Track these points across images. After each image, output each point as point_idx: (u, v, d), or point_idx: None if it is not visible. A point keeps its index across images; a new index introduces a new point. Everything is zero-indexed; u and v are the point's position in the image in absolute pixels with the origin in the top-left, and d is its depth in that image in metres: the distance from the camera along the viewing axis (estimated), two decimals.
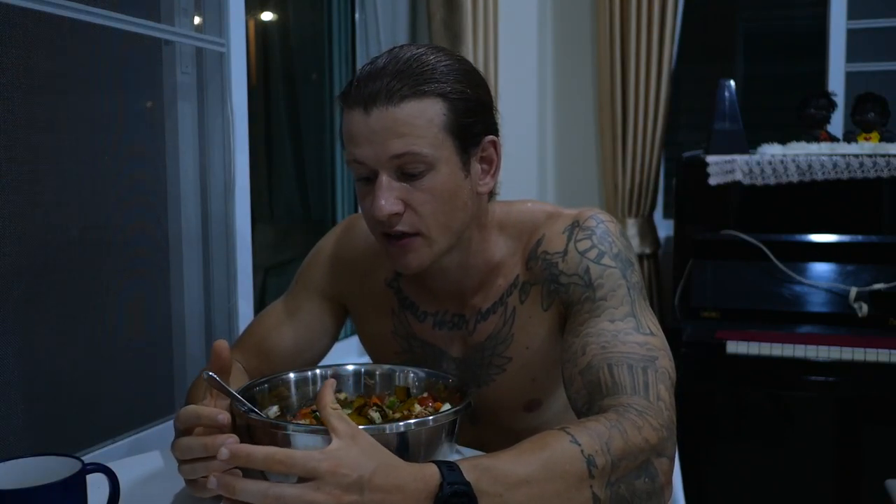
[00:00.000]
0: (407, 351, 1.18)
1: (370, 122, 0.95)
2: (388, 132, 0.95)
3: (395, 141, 0.95)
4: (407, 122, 0.95)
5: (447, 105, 0.97)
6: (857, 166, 2.20)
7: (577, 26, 2.96)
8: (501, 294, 1.10)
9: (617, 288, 1.01)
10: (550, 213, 1.10)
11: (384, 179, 0.97)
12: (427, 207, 0.98)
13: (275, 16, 2.35)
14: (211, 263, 1.76)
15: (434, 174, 0.98)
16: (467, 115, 0.99)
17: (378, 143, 0.95)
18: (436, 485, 0.74)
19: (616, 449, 0.81)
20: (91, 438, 1.47)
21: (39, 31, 1.34)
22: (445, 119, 0.97)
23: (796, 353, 1.96)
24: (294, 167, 2.44)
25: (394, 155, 0.96)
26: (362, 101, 0.96)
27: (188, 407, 0.86)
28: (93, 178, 1.48)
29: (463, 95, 0.99)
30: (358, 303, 1.22)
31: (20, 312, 1.33)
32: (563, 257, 1.05)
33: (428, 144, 0.96)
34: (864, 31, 2.76)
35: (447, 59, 1.00)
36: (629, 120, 2.77)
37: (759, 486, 2.46)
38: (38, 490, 0.75)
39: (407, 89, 0.95)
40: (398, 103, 0.95)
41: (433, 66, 0.98)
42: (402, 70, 0.96)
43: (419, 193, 0.98)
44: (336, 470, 0.73)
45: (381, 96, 0.95)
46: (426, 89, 0.96)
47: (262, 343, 1.19)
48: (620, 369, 0.92)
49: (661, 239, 2.88)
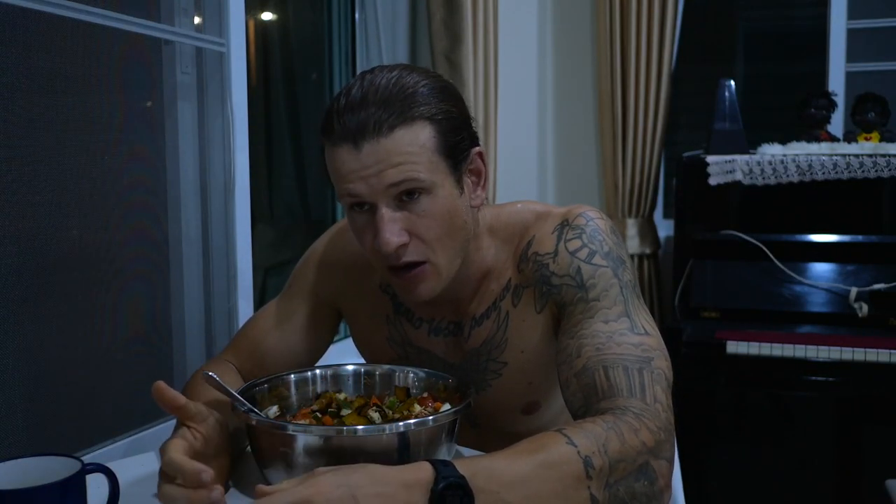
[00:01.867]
0: (403, 357, 1.17)
1: (362, 158, 0.93)
2: (383, 163, 0.93)
3: (391, 171, 0.93)
4: (400, 151, 0.93)
5: (435, 127, 0.96)
6: (857, 166, 2.20)
7: (577, 26, 2.96)
8: (495, 299, 1.09)
9: (609, 287, 1.00)
10: (540, 213, 1.09)
11: (385, 212, 0.95)
12: (431, 233, 0.97)
13: (275, 16, 2.35)
14: (211, 263, 1.76)
15: (433, 198, 0.96)
16: (454, 133, 0.98)
17: (373, 175, 0.94)
18: (430, 478, 0.75)
19: (613, 451, 0.81)
20: (91, 438, 1.47)
21: (39, 31, 1.34)
22: (436, 142, 0.96)
23: (796, 353, 1.96)
24: (294, 167, 2.44)
25: (391, 184, 0.94)
26: (350, 137, 0.94)
27: (171, 456, 0.86)
28: (93, 179, 1.48)
29: (448, 115, 0.97)
30: (352, 306, 1.21)
31: (20, 312, 1.33)
32: (554, 258, 1.04)
33: (424, 169, 0.95)
34: (864, 31, 2.76)
35: (424, 78, 0.98)
36: (629, 120, 2.77)
37: (759, 486, 2.46)
38: (38, 490, 0.75)
39: (395, 118, 0.93)
40: (388, 133, 0.93)
41: (413, 89, 0.95)
42: (385, 98, 0.93)
43: (421, 220, 0.96)
44: (321, 490, 0.73)
45: (368, 129, 0.93)
46: (414, 114, 0.94)
47: (257, 346, 1.19)
48: (616, 371, 0.92)
49: (661, 239, 2.88)
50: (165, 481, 0.86)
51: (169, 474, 0.86)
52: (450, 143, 0.97)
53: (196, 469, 0.83)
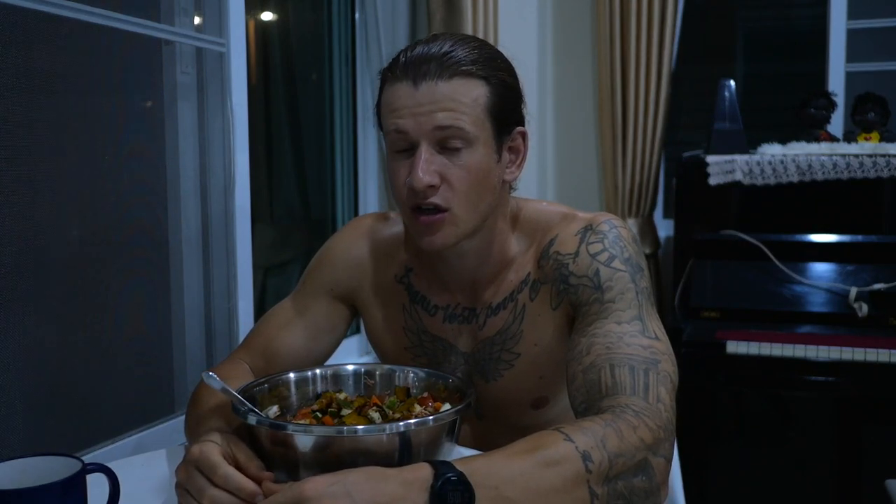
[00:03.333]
0: (417, 345, 1.19)
1: (417, 95, 0.99)
2: (435, 104, 0.98)
3: (441, 114, 0.98)
4: (454, 98, 0.99)
5: (490, 89, 1.01)
6: (857, 166, 2.20)
7: (577, 26, 2.96)
8: (512, 290, 1.12)
9: (625, 291, 1.02)
10: (565, 214, 1.12)
11: (424, 150, 0.99)
12: (462, 183, 1.01)
13: (275, 16, 2.35)
14: (211, 263, 1.76)
15: (472, 152, 1.01)
16: (506, 102, 1.04)
17: (424, 114, 0.99)
18: (428, 476, 0.75)
19: (612, 446, 0.82)
20: (91, 438, 1.47)
21: (39, 31, 1.34)
22: (488, 101, 1.01)
23: (796, 353, 1.96)
24: (294, 167, 2.44)
25: (438, 126, 0.99)
26: (411, 75, 0.99)
27: (229, 470, 0.83)
28: (93, 178, 1.48)
29: (504, 83, 1.03)
30: (367, 301, 1.22)
31: (20, 313, 1.33)
32: (575, 259, 1.07)
33: (471, 122, 0.99)
34: (864, 31, 2.76)
35: (490, 48, 1.05)
36: (629, 120, 2.77)
37: (759, 485, 2.46)
38: (38, 490, 0.75)
39: (456, 67, 0.99)
40: (448, 79, 0.99)
41: (479, 51, 1.02)
42: (450, 51, 1.00)
43: (456, 169, 1.00)
44: (317, 487, 0.73)
45: (431, 70, 0.99)
46: (473, 70, 1.00)
47: (271, 343, 1.20)
48: (622, 370, 0.93)
49: (661, 239, 2.88)
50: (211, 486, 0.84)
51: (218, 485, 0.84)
52: (500, 108, 1.03)
53: (254, 492, 0.82)
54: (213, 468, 0.83)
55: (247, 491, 0.82)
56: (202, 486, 0.83)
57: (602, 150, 2.88)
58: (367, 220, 1.25)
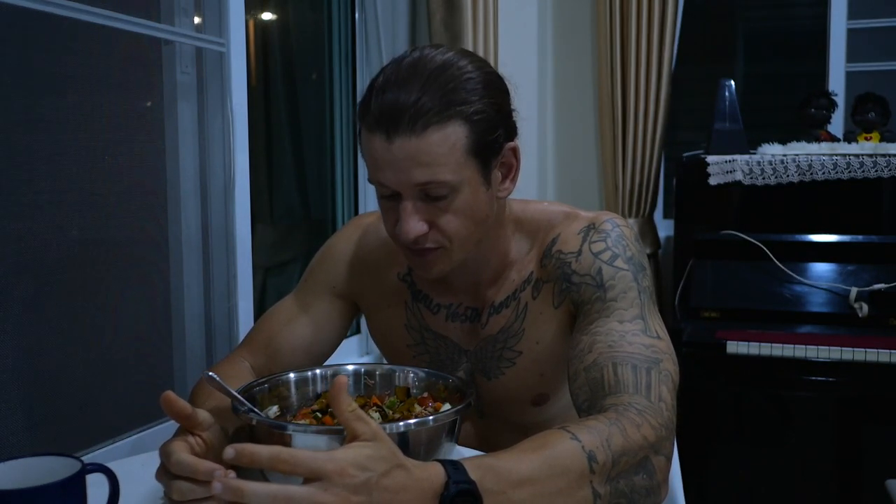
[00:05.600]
0: (419, 343, 1.19)
1: (393, 150, 0.95)
2: (411, 161, 0.95)
3: (418, 170, 0.95)
4: (429, 152, 0.95)
5: (469, 127, 0.97)
6: (857, 166, 2.20)
7: (577, 27, 2.96)
8: (515, 289, 1.12)
9: (628, 290, 1.03)
10: (567, 213, 1.12)
11: (409, 205, 0.98)
12: (451, 226, 1.00)
13: (275, 16, 2.35)
14: (211, 263, 1.76)
15: (457, 196, 0.99)
16: (489, 132, 0.99)
17: (402, 170, 0.96)
18: (441, 484, 0.74)
19: (616, 445, 0.82)
20: (91, 438, 1.47)
21: (39, 31, 1.34)
22: (468, 142, 0.97)
23: (796, 353, 1.96)
24: (294, 167, 2.44)
25: (417, 183, 0.97)
26: (384, 127, 0.95)
27: (181, 457, 0.84)
28: (93, 179, 1.48)
29: (486, 116, 0.98)
30: (370, 298, 1.23)
31: (20, 313, 1.33)
32: (577, 257, 1.07)
33: (451, 171, 0.96)
34: (864, 31, 2.76)
35: (473, 70, 0.99)
36: (629, 120, 2.77)
37: (759, 485, 2.46)
38: (38, 490, 0.75)
39: (428, 118, 0.94)
40: (421, 133, 0.94)
41: (458, 80, 0.96)
42: (419, 98, 0.94)
43: (443, 214, 1.00)
44: (343, 471, 0.72)
45: (403, 123, 0.94)
46: (448, 114, 0.95)
47: (272, 340, 1.19)
48: (625, 368, 0.93)
49: (661, 239, 2.88)
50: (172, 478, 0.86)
51: (176, 474, 0.85)
52: (482, 142, 0.99)
53: (210, 468, 0.83)
54: (168, 457, 0.84)
55: (200, 470, 0.83)
56: (167, 480, 0.84)
57: (602, 150, 2.88)
58: (368, 219, 1.25)
